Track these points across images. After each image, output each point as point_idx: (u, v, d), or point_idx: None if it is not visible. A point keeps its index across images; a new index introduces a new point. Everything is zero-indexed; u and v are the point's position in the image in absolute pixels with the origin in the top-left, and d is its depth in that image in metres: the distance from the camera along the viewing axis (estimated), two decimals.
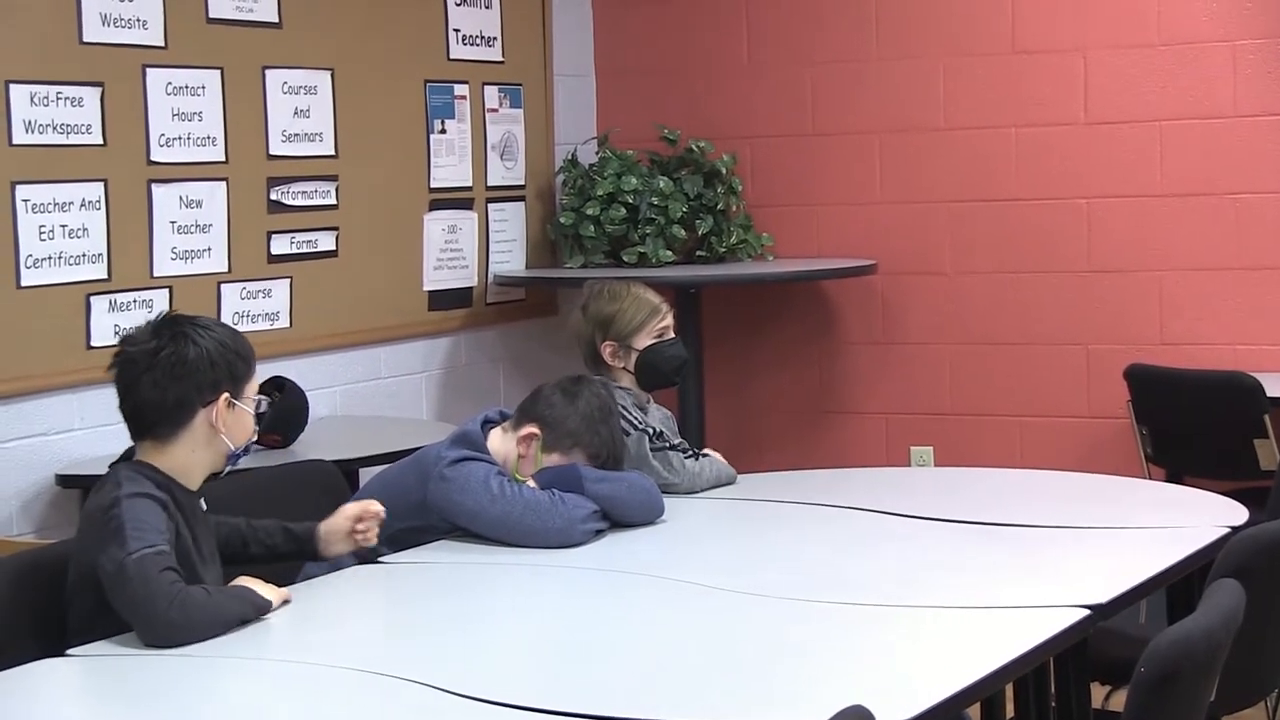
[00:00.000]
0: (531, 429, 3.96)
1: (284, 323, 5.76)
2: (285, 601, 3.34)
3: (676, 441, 4.39)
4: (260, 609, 3.26)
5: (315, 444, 5.17)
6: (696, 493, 4.30)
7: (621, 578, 3.63)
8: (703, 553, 3.88)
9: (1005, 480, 4.77)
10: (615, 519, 3.92)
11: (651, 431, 4.31)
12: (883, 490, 4.49)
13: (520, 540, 3.78)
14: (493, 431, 3.99)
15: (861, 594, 3.40)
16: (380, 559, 3.76)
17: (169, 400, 3.32)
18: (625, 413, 4.31)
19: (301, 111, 5.81)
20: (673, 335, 4.50)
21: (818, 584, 3.49)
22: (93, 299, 5.14)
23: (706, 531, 4.08)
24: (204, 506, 3.45)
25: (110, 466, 3.36)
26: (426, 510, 3.84)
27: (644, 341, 4.45)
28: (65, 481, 4.98)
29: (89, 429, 5.06)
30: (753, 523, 4.16)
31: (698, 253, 6.72)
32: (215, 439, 3.36)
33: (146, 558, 3.13)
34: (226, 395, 3.34)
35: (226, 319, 5.38)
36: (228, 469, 3.45)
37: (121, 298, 5.19)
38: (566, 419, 3.96)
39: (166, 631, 3.11)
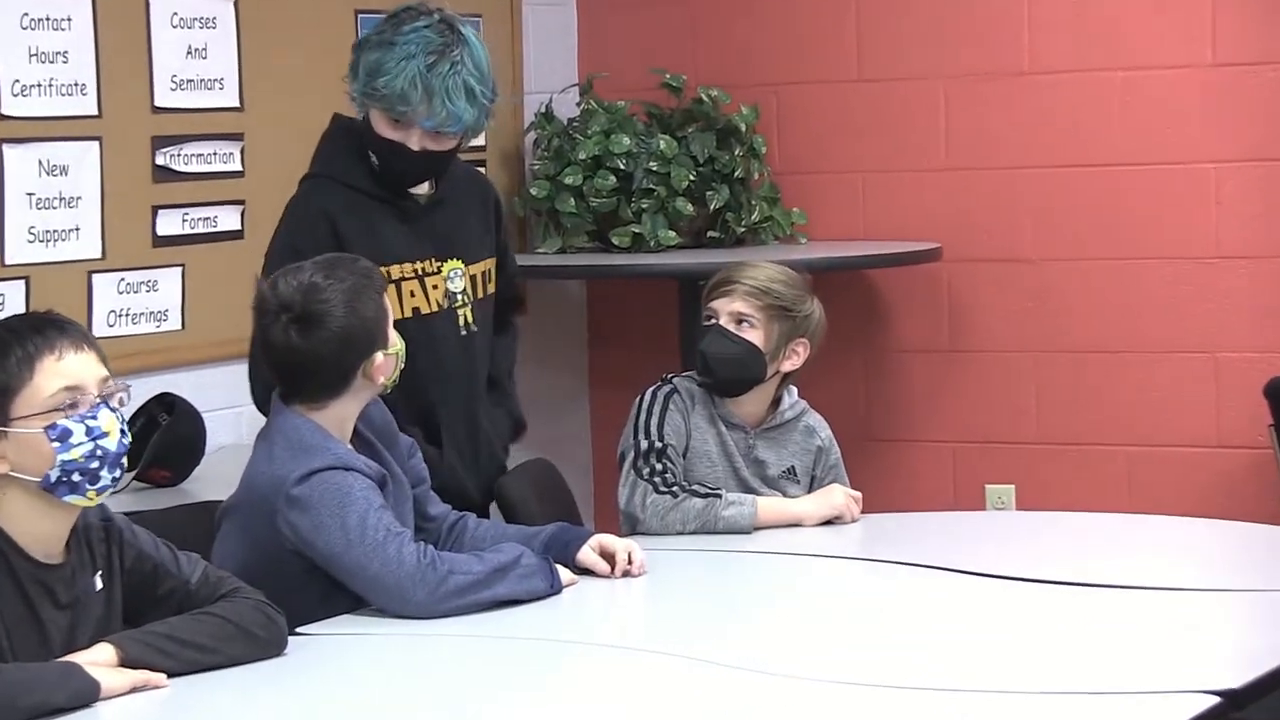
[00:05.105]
0: (372, 361, 3.95)
1: (174, 324, 5.75)
2: (144, 687, 3.31)
3: (701, 485, 4.47)
4: (80, 695, 3.23)
5: (213, 481, 5.15)
6: (669, 535, 4.42)
7: (603, 651, 3.65)
8: (714, 623, 3.88)
9: (1108, 528, 4.77)
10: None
11: (651, 446, 4.47)
12: (950, 541, 4.50)
13: (373, 599, 3.83)
14: (312, 417, 3.95)
15: (924, 676, 3.39)
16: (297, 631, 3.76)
17: None
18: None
19: (196, 51, 5.80)
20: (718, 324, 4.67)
21: (865, 663, 3.49)
22: None
23: (722, 596, 4.10)
24: (98, 584, 3.44)
25: None
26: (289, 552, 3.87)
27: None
28: None
29: None
30: (782, 583, 4.18)
31: (709, 234, 6.73)
32: (11, 479, 3.34)
33: None
34: None
35: (100, 317, 5.39)
36: (86, 498, 3.37)
37: None
38: (354, 322, 3.93)
39: None
